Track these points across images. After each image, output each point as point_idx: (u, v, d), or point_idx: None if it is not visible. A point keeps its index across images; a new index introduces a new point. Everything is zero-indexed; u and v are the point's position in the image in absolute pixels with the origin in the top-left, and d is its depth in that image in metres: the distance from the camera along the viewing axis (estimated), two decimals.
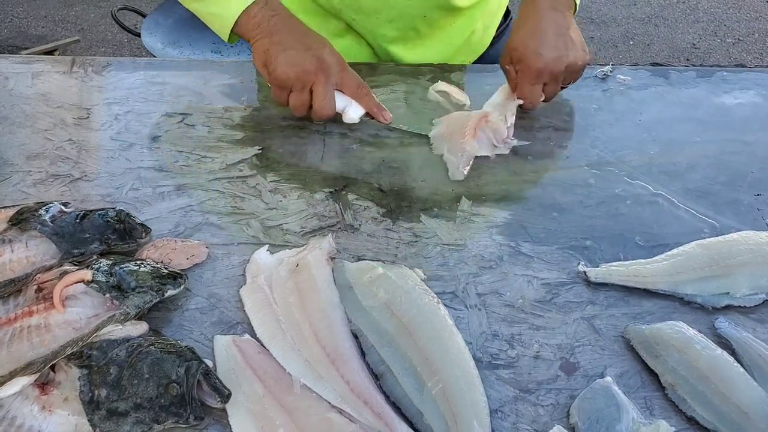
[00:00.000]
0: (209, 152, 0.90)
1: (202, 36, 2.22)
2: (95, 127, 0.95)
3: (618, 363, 0.63)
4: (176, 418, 0.56)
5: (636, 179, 0.86)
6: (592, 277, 0.71)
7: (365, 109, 0.92)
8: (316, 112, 0.90)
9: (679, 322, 0.65)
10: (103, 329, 0.61)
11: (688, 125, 0.97)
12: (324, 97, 0.89)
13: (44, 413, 0.57)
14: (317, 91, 0.89)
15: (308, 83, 0.89)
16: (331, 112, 0.90)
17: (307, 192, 0.84)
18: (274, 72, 0.90)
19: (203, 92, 1.03)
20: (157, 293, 0.66)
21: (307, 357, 0.61)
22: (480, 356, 0.63)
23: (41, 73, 1.07)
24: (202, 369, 0.58)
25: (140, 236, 0.74)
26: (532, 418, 0.59)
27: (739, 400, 0.58)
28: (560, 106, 1.00)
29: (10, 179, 0.85)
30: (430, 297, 0.67)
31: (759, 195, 0.83)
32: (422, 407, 0.58)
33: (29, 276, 0.67)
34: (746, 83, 1.06)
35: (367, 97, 0.92)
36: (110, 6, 3.37)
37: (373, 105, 0.93)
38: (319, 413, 0.57)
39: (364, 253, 0.75)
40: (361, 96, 0.92)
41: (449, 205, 0.82)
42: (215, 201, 0.82)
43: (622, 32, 3.49)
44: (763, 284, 0.69)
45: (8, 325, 0.61)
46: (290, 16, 0.94)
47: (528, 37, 0.92)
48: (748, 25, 3.58)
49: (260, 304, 0.67)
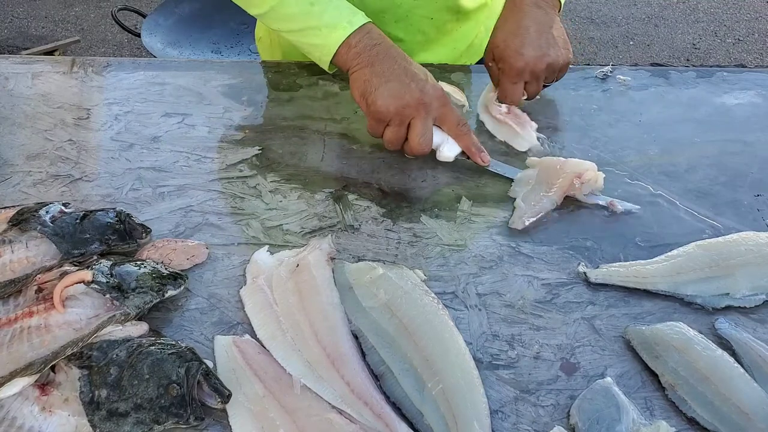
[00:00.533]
0: (209, 152, 0.90)
1: (202, 36, 2.23)
2: (95, 128, 0.95)
3: (618, 363, 0.63)
4: (176, 419, 0.56)
5: (636, 180, 0.86)
6: (592, 278, 0.71)
7: (463, 148, 0.87)
8: (413, 148, 0.85)
9: (680, 323, 0.65)
10: (104, 330, 0.61)
11: (688, 125, 0.97)
12: (422, 134, 0.84)
13: (44, 414, 0.57)
14: (416, 126, 0.84)
15: (407, 118, 0.84)
16: (428, 149, 0.85)
17: (307, 192, 0.84)
18: (373, 104, 0.85)
19: (203, 92, 1.03)
20: (157, 294, 0.66)
21: (307, 357, 0.61)
22: (480, 357, 0.63)
23: (41, 74, 1.07)
24: (202, 369, 0.58)
25: (140, 236, 0.74)
26: (532, 418, 0.59)
27: (739, 401, 0.58)
28: (560, 107, 1.00)
29: (10, 179, 0.85)
30: (431, 297, 0.67)
31: (759, 195, 0.83)
32: (422, 408, 0.58)
33: (29, 276, 0.67)
34: (746, 83, 1.06)
35: (467, 136, 0.87)
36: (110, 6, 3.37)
37: (472, 145, 0.87)
38: (320, 414, 0.57)
39: (365, 254, 0.75)
40: (461, 135, 0.87)
41: (449, 205, 0.82)
42: (215, 201, 0.82)
43: (622, 32, 3.49)
44: (763, 285, 0.69)
45: (8, 325, 0.61)
46: (392, 46, 0.89)
47: (509, 35, 0.92)
48: (748, 25, 3.58)
49: (260, 305, 0.67)
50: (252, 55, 2.21)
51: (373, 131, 0.87)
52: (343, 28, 0.88)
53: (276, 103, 1.01)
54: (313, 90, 1.04)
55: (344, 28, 0.88)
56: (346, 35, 0.88)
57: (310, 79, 1.07)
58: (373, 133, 0.88)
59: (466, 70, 1.10)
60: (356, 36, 0.88)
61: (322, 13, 0.89)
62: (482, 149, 0.87)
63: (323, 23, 0.89)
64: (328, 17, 0.89)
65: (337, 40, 0.88)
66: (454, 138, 0.87)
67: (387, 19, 1.07)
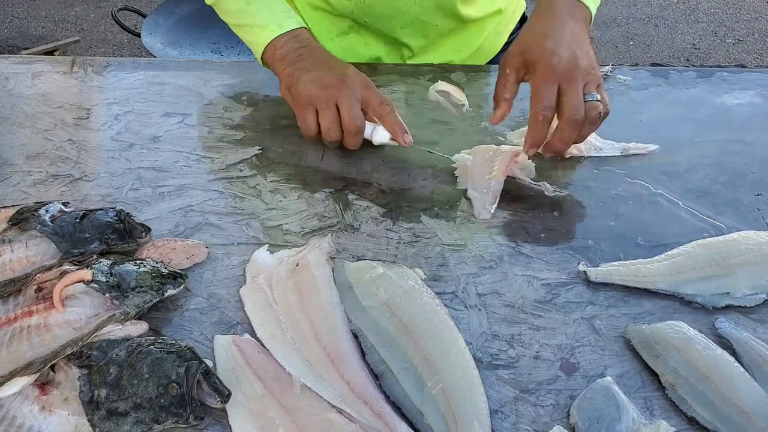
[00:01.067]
0: (209, 152, 0.90)
1: (202, 36, 2.23)
2: (95, 127, 0.95)
3: (618, 363, 0.63)
4: (176, 418, 0.56)
5: (636, 179, 0.86)
6: (592, 277, 0.71)
7: (387, 128, 0.87)
8: (347, 123, 0.85)
9: (680, 322, 0.65)
10: (103, 329, 0.61)
11: (688, 125, 0.97)
12: (350, 108, 0.85)
13: (44, 413, 0.57)
14: (342, 104, 0.85)
15: (332, 99, 0.86)
16: (361, 123, 0.86)
17: (307, 192, 0.84)
18: (296, 91, 0.88)
19: (203, 92, 1.03)
20: (157, 293, 0.66)
21: (307, 357, 0.61)
22: (480, 356, 0.63)
23: (41, 74, 1.07)
24: (202, 369, 0.58)
25: (140, 236, 0.74)
26: (532, 418, 0.58)
27: (739, 400, 0.58)
28: None
29: (10, 179, 0.85)
30: (431, 297, 0.67)
31: (759, 195, 0.83)
32: (422, 407, 0.58)
33: (29, 276, 0.67)
34: (746, 83, 1.06)
35: (390, 116, 0.86)
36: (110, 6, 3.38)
37: (395, 124, 0.86)
38: (319, 413, 0.57)
39: (364, 253, 0.75)
40: (384, 115, 0.86)
41: (449, 205, 0.82)
42: (215, 201, 0.82)
43: (622, 32, 3.49)
44: (763, 284, 0.69)
45: (8, 325, 0.61)
46: (318, 48, 0.93)
47: (540, 36, 0.84)
48: (748, 25, 3.58)
49: (260, 304, 0.67)
50: (252, 55, 2.21)
51: (304, 123, 0.88)
52: (272, 30, 0.93)
53: (276, 103, 1.01)
54: None
55: (273, 30, 0.93)
56: (273, 36, 0.93)
57: None
58: (305, 127, 0.88)
59: (466, 69, 1.10)
60: (283, 38, 0.93)
61: (255, 13, 0.95)
62: (405, 130, 0.86)
63: (255, 23, 0.95)
64: (261, 17, 0.94)
65: (264, 40, 0.93)
66: (379, 119, 0.87)
67: (393, 26, 1.08)
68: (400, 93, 1.03)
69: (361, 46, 1.13)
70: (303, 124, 0.88)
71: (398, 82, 1.05)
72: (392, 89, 1.03)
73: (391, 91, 1.03)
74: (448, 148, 0.90)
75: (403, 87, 1.04)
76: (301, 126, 0.89)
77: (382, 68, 1.09)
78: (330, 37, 1.13)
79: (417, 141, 0.92)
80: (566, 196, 0.82)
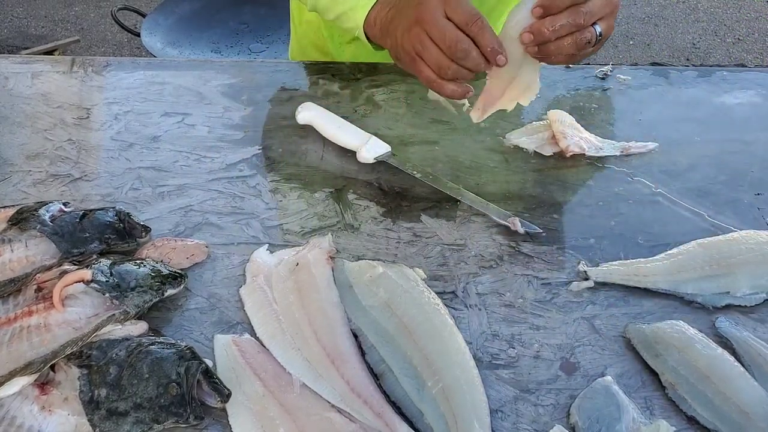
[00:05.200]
0: (209, 152, 0.90)
1: (202, 36, 2.23)
2: (95, 127, 0.95)
3: (618, 363, 0.63)
4: (176, 418, 0.56)
5: (636, 178, 0.86)
6: (592, 277, 0.71)
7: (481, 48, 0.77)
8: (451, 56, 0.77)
9: (680, 322, 0.65)
10: (103, 329, 0.61)
11: (688, 125, 0.96)
12: (444, 38, 0.76)
13: (44, 413, 0.57)
14: (434, 36, 0.77)
15: (421, 36, 0.78)
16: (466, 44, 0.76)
17: (307, 192, 0.84)
18: (400, 57, 0.83)
19: (203, 92, 1.03)
20: (156, 293, 0.66)
21: (307, 356, 0.61)
22: (480, 356, 0.63)
23: (41, 73, 1.07)
24: (201, 369, 0.58)
25: (140, 236, 0.74)
26: (532, 418, 0.58)
27: (739, 400, 0.58)
28: (560, 106, 1.00)
29: (10, 179, 0.85)
30: (431, 296, 0.67)
31: (759, 194, 0.83)
32: (422, 407, 0.58)
33: (29, 276, 0.67)
34: (746, 83, 1.06)
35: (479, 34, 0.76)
36: (110, 6, 3.37)
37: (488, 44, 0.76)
38: (319, 413, 0.57)
39: (364, 253, 0.75)
40: (474, 33, 0.77)
41: (449, 204, 0.82)
42: (215, 201, 0.82)
43: (622, 32, 3.49)
44: (763, 284, 0.69)
45: (8, 325, 0.61)
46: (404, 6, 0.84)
47: None
48: (748, 25, 3.57)
49: (260, 304, 0.67)
50: (252, 54, 2.21)
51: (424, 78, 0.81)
52: (363, 6, 0.89)
53: (276, 102, 1.01)
54: (313, 89, 1.04)
55: (364, 7, 0.89)
56: (366, 12, 0.89)
57: (310, 78, 1.07)
58: (427, 81, 0.80)
59: None
60: (374, 11, 0.88)
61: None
62: (498, 51, 0.77)
63: (348, 7, 0.91)
64: (350, 1, 0.90)
65: (360, 20, 0.89)
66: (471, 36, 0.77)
67: None
68: (400, 93, 1.03)
69: (370, 53, 1.12)
70: (427, 81, 0.81)
71: (398, 82, 1.05)
72: (392, 89, 1.03)
73: (391, 90, 1.03)
74: (448, 148, 0.90)
75: (403, 87, 1.04)
76: (426, 84, 0.82)
77: (382, 68, 1.09)
78: (340, 42, 1.13)
79: (417, 141, 0.93)
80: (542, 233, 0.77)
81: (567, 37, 0.77)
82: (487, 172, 0.87)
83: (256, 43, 2.25)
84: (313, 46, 1.19)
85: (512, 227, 0.77)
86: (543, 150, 0.90)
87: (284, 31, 2.11)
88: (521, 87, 0.83)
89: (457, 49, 0.76)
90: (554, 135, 0.90)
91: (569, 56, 0.79)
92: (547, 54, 0.79)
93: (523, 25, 0.78)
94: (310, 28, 1.17)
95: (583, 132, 0.91)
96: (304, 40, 1.20)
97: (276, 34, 2.26)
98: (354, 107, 0.99)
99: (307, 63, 1.12)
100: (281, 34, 2.23)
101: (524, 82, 0.82)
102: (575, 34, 0.77)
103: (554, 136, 0.90)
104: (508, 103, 0.84)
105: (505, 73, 0.81)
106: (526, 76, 0.82)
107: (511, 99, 0.83)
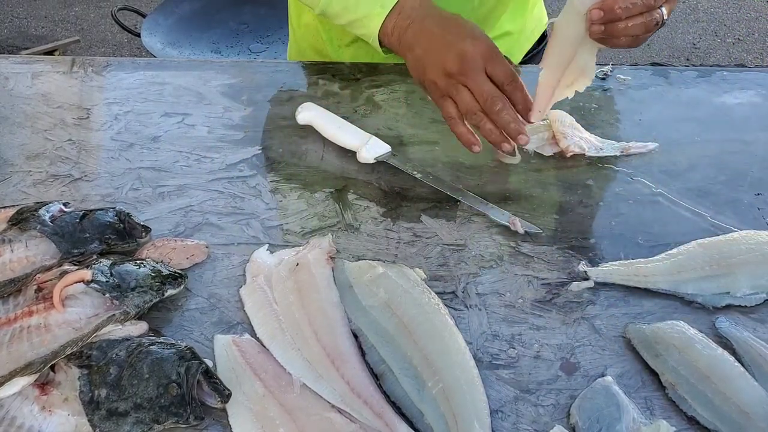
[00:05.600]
0: (209, 152, 0.90)
1: (202, 36, 2.23)
2: (95, 127, 0.95)
3: (618, 363, 0.63)
4: (176, 418, 0.56)
5: (637, 178, 0.86)
6: (592, 277, 0.71)
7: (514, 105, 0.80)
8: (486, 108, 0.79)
9: (680, 322, 0.65)
10: (103, 329, 0.61)
11: (688, 125, 0.96)
12: (482, 92, 0.79)
13: (44, 413, 0.57)
14: (472, 88, 0.80)
15: (459, 84, 0.81)
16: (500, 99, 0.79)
17: (307, 192, 0.84)
18: (425, 83, 0.84)
19: (203, 92, 1.03)
20: (156, 293, 0.66)
21: (307, 356, 0.61)
22: (480, 356, 0.63)
23: (41, 73, 1.07)
24: (202, 369, 0.58)
25: (140, 236, 0.74)
26: (532, 418, 0.58)
27: (739, 400, 0.58)
28: (560, 107, 1.00)
29: (10, 179, 0.85)
30: (431, 296, 0.67)
31: (759, 194, 0.83)
32: (422, 407, 0.58)
33: (29, 276, 0.67)
34: (746, 83, 1.06)
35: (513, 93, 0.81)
36: (110, 6, 3.37)
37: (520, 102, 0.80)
38: (319, 413, 0.57)
39: (364, 253, 0.75)
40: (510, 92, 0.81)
41: (449, 205, 0.82)
42: (215, 201, 0.82)
43: None
44: (763, 284, 0.69)
45: (8, 325, 0.61)
46: (426, 17, 0.86)
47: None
48: (748, 25, 3.57)
49: (260, 304, 0.67)
50: (252, 54, 2.21)
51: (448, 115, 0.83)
52: (377, 14, 0.88)
53: (276, 103, 1.01)
54: (313, 89, 1.04)
55: (379, 15, 0.88)
56: (381, 21, 0.88)
57: (310, 78, 1.07)
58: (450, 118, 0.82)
59: None
60: (391, 21, 0.88)
61: (357, 5, 0.89)
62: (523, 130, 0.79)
63: (361, 14, 0.90)
64: (363, 7, 0.89)
65: (375, 28, 0.88)
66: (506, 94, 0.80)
67: None
68: (400, 93, 1.03)
69: (368, 55, 1.12)
70: (447, 117, 0.83)
71: (398, 82, 1.05)
72: (392, 89, 1.03)
73: (391, 91, 1.03)
74: (449, 148, 0.90)
75: (403, 87, 1.04)
76: (446, 119, 0.84)
77: (382, 68, 1.09)
78: (339, 45, 1.13)
79: (417, 141, 0.93)
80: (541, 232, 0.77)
81: (638, 16, 0.74)
82: (487, 173, 0.87)
83: (256, 44, 2.25)
84: (311, 49, 1.18)
85: (512, 227, 0.77)
86: (543, 150, 0.90)
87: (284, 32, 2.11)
88: (577, 71, 0.80)
89: (493, 104, 0.79)
90: (554, 135, 0.90)
91: (633, 38, 0.76)
92: (613, 34, 0.75)
93: (593, 0, 0.74)
94: (308, 31, 1.17)
95: (584, 132, 0.91)
96: (302, 43, 1.20)
97: (276, 35, 2.26)
98: (354, 107, 0.99)
99: (307, 63, 1.12)
100: (281, 35, 2.24)
101: (580, 66, 0.80)
102: (645, 15, 0.74)
103: (554, 136, 0.90)
104: (566, 90, 0.81)
105: (560, 55, 0.79)
106: (582, 59, 0.79)
107: (567, 85, 0.81)
